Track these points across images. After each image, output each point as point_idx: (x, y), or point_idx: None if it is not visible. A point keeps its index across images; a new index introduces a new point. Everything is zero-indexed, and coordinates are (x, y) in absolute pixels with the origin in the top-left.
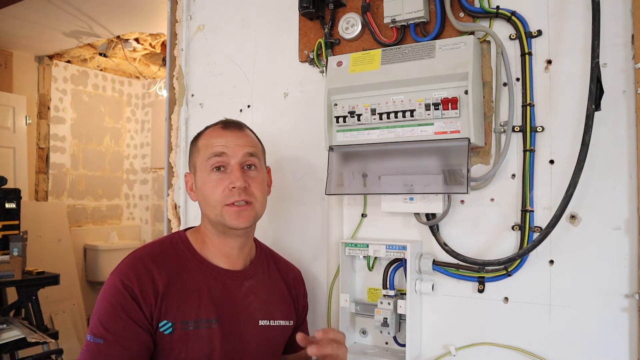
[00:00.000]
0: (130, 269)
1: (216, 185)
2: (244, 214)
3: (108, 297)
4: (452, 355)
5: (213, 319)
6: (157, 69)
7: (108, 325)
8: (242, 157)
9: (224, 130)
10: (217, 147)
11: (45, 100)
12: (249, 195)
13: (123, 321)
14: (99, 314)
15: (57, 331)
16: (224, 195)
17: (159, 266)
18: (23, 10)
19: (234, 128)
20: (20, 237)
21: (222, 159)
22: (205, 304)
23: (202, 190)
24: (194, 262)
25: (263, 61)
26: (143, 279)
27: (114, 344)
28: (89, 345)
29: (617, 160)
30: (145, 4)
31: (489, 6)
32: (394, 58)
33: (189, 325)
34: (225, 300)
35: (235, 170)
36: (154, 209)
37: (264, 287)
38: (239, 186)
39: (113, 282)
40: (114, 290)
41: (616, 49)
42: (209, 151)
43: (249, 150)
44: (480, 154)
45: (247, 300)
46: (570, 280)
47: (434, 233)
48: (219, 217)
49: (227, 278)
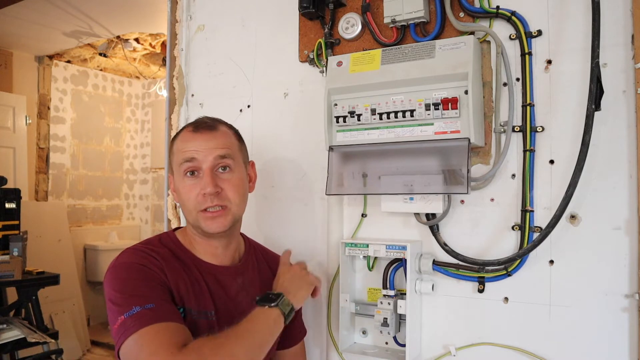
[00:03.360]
0: (134, 255)
1: (190, 191)
2: (218, 219)
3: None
4: (452, 355)
5: (210, 311)
6: (157, 69)
7: (147, 294)
8: (213, 161)
9: (195, 134)
10: (187, 153)
11: (45, 100)
12: (222, 199)
13: (160, 287)
14: (130, 289)
15: (57, 331)
16: (198, 201)
17: (158, 256)
18: (23, 10)
19: (205, 130)
20: (20, 237)
21: (193, 164)
22: (204, 295)
23: (179, 193)
24: (187, 257)
25: (263, 61)
26: (151, 264)
27: (166, 304)
28: (140, 315)
29: (617, 160)
30: (145, 4)
31: (489, 6)
32: (394, 58)
33: (193, 313)
34: (220, 295)
35: (206, 176)
36: (154, 209)
37: (254, 283)
38: (209, 192)
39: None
40: (133, 267)
41: (616, 49)
42: (180, 156)
43: (220, 152)
44: (480, 154)
45: (239, 296)
46: (570, 280)
47: (434, 233)
48: (195, 222)
49: (219, 274)
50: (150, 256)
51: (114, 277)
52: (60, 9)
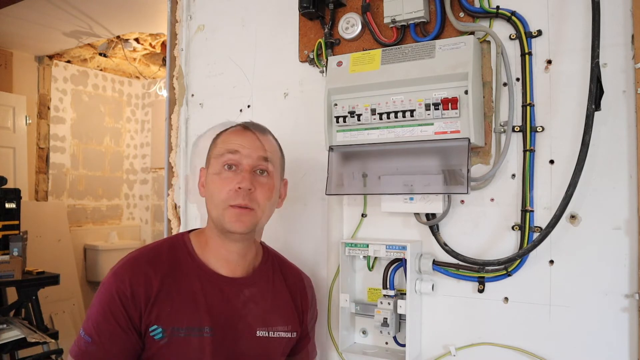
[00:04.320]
0: (125, 271)
1: (223, 184)
2: (243, 217)
3: (100, 299)
4: (452, 355)
5: (206, 327)
6: (157, 69)
7: (97, 326)
8: (256, 160)
9: (245, 130)
10: (232, 145)
11: (45, 100)
12: (251, 200)
13: (111, 326)
14: (92, 312)
15: (57, 331)
16: (229, 196)
17: (155, 269)
18: (23, 10)
19: (256, 130)
20: (20, 237)
21: (234, 156)
22: (199, 311)
23: (210, 186)
24: (193, 266)
25: (263, 61)
26: (136, 282)
27: (99, 346)
28: (78, 340)
29: (617, 160)
30: (145, 4)
31: (489, 6)
32: (394, 58)
33: (180, 332)
34: (221, 308)
35: (245, 172)
36: (154, 209)
37: (265, 296)
38: (244, 187)
39: (108, 285)
40: (107, 293)
41: (616, 49)
42: (224, 147)
43: (264, 154)
44: (480, 154)
45: (245, 309)
46: (570, 280)
47: (434, 233)
48: (220, 217)
49: (225, 285)
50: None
51: (98, 288)
52: (60, 9)
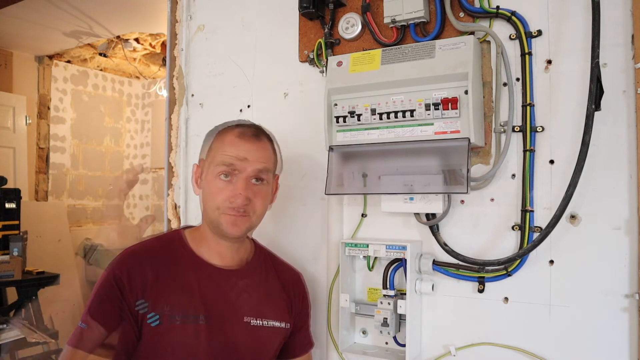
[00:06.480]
0: (123, 261)
1: (218, 192)
2: (239, 222)
3: (98, 288)
4: (452, 355)
5: (201, 315)
6: (157, 69)
7: (93, 312)
8: (251, 172)
9: (240, 140)
10: (227, 157)
11: (45, 100)
12: (248, 209)
13: (106, 310)
14: (89, 302)
15: (57, 331)
16: (226, 203)
17: (152, 260)
18: (23, 10)
19: (250, 138)
20: (20, 237)
21: (230, 169)
22: (194, 299)
23: (205, 190)
24: (188, 259)
25: (263, 61)
26: (133, 271)
27: (93, 329)
28: (75, 330)
29: (617, 160)
30: (145, 4)
31: (489, 6)
32: (394, 58)
33: (176, 319)
34: (215, 298)
35: (241, 183)
36: (154, 209)
37: (258, 288)
38: (242, 197)
39: (105, 274)
40: (104, 282)
41: (616, 49)
42: (219, 158)
43: (260, 166)
44: (480, 154)
45: (239, 300)
46: (570, 280)
47: (434, 233)
48: (216, 220)
49: (219, 276)
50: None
51: (98, 280)
52: (60, 9)
